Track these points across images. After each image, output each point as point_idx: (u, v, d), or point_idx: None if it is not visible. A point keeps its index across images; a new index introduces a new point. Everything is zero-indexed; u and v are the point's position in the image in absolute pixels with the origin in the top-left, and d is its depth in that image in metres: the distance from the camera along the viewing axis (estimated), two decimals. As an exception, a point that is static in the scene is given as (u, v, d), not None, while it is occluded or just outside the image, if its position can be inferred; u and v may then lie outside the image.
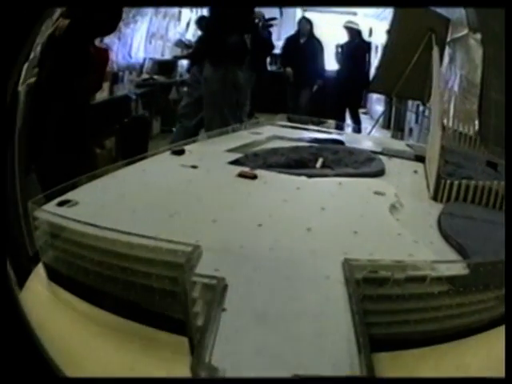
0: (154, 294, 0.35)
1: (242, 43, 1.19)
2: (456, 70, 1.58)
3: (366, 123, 2.41)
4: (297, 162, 0.70)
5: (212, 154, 0.69)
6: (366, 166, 0.69)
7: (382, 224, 0.47)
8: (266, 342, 0.31)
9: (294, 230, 0.45)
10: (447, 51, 1.59)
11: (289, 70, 2.38)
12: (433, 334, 0.41)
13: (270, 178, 0.59)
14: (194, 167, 0.62)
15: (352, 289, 0.38)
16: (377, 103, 2.96)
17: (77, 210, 0.45)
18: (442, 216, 0.52)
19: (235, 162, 0.65)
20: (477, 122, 1.47)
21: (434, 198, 0.59)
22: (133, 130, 1.24)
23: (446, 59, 1.60)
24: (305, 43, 2.49)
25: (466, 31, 1.46)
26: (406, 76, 1.60)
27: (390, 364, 0.38)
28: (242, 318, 0.33)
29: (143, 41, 1.60)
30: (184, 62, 1.57)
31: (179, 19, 1.80)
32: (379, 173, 0.67)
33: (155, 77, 1.51)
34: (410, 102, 1.98)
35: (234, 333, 0.31)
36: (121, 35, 1.45)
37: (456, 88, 1.59)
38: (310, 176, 0.60)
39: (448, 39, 1.72)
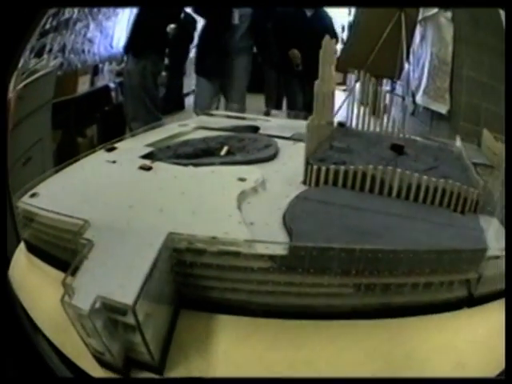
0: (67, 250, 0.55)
1: (163, 34, 1.21)
2: (427, 48, 1.60)
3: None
4: (204, 151, 0.81)
5: (133, 149, 0.80)
6: (260, 152, 0.79)
7: (220, 206, 0.58)
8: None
9: (149, 211, 0.59)
10: (418, 29, 1.61)
11: (296, 52, 1.73)
12: (248, 304, 0.53)
13: (161, 169, 0.71)
14: (114, 162, 0.75)
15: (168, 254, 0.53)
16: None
17: (38, 200, 0.64)
18: (295, 200, 0.62)
19: (147, 156, 0.77)
20: (448, 99, 1.51)
21: (304, 183, 0.68)
22: (112, 117, 1.40)
23: (418, 37, 1.62)
24: (313, 16, 1.83)
25: (436, 9, 1.52)
26: (375, 54, 1.65)
27: (190, 322, 0.52)
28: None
29: (124, 32, 1.73)
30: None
31: (159, 7, 1.91)
32: (268, 158, 0.77)
33: None
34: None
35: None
36: (102, 28, 1.59)
37: (427, 66, 1.61)
38: (196, 165, 0.71)
39: (419, 18, 1.74)
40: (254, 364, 0.52)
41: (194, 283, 0.54)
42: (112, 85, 1.49)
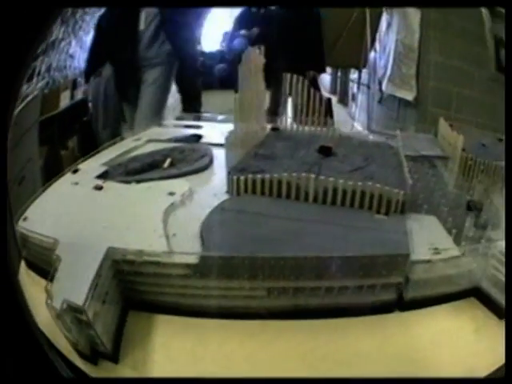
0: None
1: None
2: (393, 36, 1.62)
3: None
4: (150, 165, 0.89)
5: (92, 169, 0.89)
6: (195, 163, 0.87)
7: (148, 221, 0.67)
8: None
9: (97, 228, 0.68)
10: (385, 17, 1.63)
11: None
12: (177, 305, 0.61)
13: (110, 188, 0.81)
14: (77, 184, 0.86)
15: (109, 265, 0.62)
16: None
17: (28, 224, 0.75)
18: (213, 210, 0.70)
19: (102, 175, 0.87)
20: (414, 86, 1.54)
21: (227, 193, 0.76)
22: (90, 126, 1.51)
23: (384, 25, 1.64)
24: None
25: None
26: (339, 45, 1.68)
27: (135, 320, 0.62)
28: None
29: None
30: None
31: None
32: (201, 169, 0.85)
33: None
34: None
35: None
36: (82, 43, 1.69)
37: (392, 53, 1.64)
38: (138, 181, 0.80)
39: None
40: (183, 356, 0.61)
41: (133, 288, 0.64)
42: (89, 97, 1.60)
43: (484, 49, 1.37)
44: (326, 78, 1.85)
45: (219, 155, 0.93)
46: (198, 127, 1.13)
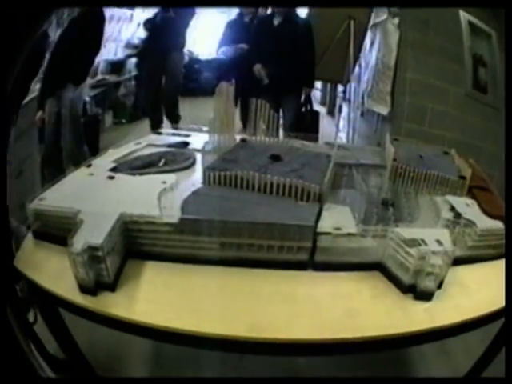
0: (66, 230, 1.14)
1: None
2: (373, 53, 2.24)
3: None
4: (149, 163, 1.46)
5: (103, 164, 1.45)
6: (183, 163, 1.51)
7: (148, 199, 1.21)
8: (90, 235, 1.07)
9: (112, 203, 1.18)
10: (369, 35, 2.04)
11: (258, 66, 2.08)
12: (163, 253, 1.19)
13: (120, 179, 1.35)
14: (92, 174, 1.42)
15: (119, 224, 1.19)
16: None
17: (46, 202, 1.24)
18: (191, 194, 1.27)
19: (113, 169, 1.41)
20: (389, 102, 2.19)
21: (202, 183, 1.34)
22: (86, 127, 1.90)
23: (368, 43, 2.28)
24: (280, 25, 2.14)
25: (385, 16, 1.98)
26: (324, 60, 2.12)
27: (132, 265, 1.19)
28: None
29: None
30: (133, 60, 2.35)
31: (131, 20, 2.42)
32: (186, 167, 1.50)
33: (107, 77, 2.28)
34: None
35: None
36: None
37: (372, 70, 2.29)
38: (141, 174, 1.39)
39: (370, 24, 2.16)
40: (164, 287, 1.13)
41: (135, 241, 1.15)
42: (87, 98, 2.13)
43: (461, 67, 1.91)
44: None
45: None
46: (187, 136, 1.80)
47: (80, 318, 1.10)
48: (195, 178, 1.44)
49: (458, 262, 1.13)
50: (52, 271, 1.12)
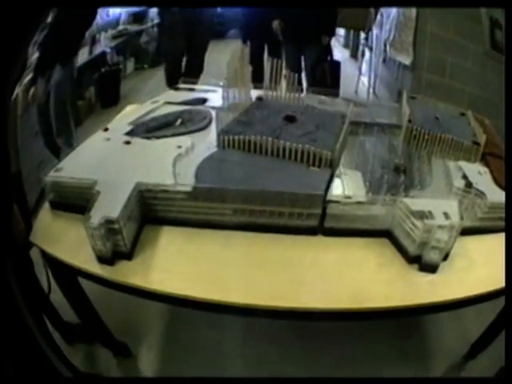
0: (83, 199, 1.19)
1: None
2: None
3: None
4: (165, 124, 1.47)
5: (120, 128, 1.47)
6: (199, 123, 1.51)
7: (163, 166, 1.24)
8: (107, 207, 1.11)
9: (128, 171, 1.22)
10: None
11: (276, 22, 2.23)
12: (177, 219, 1.24)
13: (136, 143, 1.38)
14: (108, 139, 1.44)
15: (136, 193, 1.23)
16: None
17: (62, 172, 1.27)
18: (205, 159, 1.29)
19: (129, 133, 1.43)
20: (411, 52, 2.14)
21: (217, 147, 1.36)
22: (107, 77, 1.93)
23: None
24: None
25: None
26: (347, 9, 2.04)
27: (148, 230, 1.25)
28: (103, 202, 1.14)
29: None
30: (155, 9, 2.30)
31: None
32: (202, 128, 1.50)
33: (128, 27, 2.30)
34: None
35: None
36: None
37: (394, 21, 2.22)
38: (158, 137, 1.41)
39: None
40: (178, 253, 1.19)
41: (150, 208, 1.19)
42: (108, 50, 2.31)
43: (479, 27, 1.90)
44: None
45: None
46: (206, 91, 1.79)
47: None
48: (210, 139, 1.46)
49: (466, 232, 1.14)
50: (70, 243, 1.16)
